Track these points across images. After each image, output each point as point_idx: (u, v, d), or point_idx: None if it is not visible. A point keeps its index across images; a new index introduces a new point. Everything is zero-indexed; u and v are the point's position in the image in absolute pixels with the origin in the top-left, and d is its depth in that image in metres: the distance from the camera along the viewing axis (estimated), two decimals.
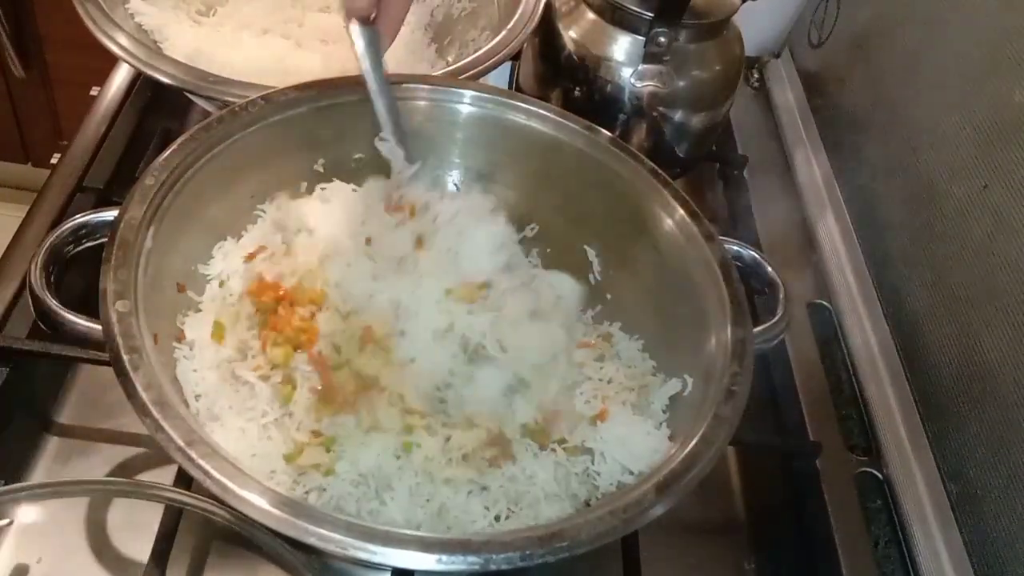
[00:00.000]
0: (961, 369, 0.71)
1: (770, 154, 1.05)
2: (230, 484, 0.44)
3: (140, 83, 0.92)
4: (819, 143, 1.02)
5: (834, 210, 0.95)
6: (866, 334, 0.83)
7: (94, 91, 0.92)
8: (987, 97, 0.73)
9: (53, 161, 0.84)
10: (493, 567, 0.44)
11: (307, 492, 0.53)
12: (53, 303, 0.52)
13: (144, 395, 0.46)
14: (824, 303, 0.89)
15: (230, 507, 0.44)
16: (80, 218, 0.57)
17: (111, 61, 0.92)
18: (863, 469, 0.74)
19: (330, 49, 0.90)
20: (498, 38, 0.80)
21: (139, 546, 0.56)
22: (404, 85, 0.70)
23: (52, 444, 0.65)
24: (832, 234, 0.93)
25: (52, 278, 0.54)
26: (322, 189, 0.69)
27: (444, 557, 0.44)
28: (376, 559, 0.43)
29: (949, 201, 0.76)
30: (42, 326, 0.53)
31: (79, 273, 0.59)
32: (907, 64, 0.87)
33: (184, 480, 0.58)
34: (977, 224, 0.71)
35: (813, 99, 1.07)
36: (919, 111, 0.83)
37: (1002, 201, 0.69)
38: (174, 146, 0.60)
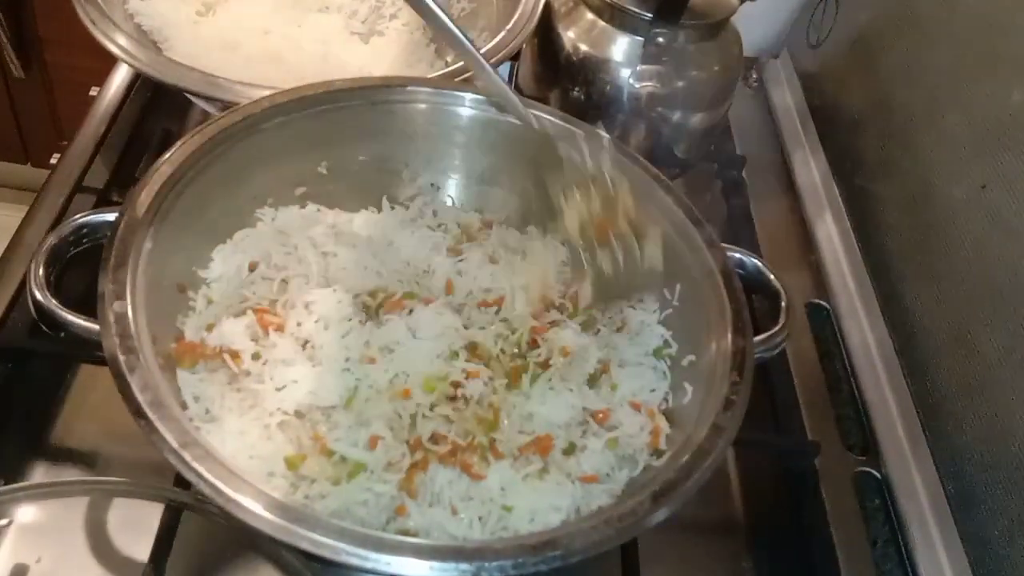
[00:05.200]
0: (959, 368, 0.71)
1: (768, 154, 1.06)
2: (223, 487, 0.44)
3: (139, 84, 0.92)
4: (817, 143, 1.02)
5: (832, 210, 0.95)
6: (864, 334, 0.84)
7: (94, 91, 0.92)
8: (985, 97, 0.73)
9: (53, 161, 0.84)
10: (484, 575, 0.44)
11: (306, 497, 0.53)
12: (53, 303, 0.52)
13: (139, 396, 0.46)
14: (823, 303, 0.89)
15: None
16: (81, 218, 0.58)
17: (111, 62, 0.92)
18: (861, 468, 0.74)
19: (330, 50, 0.90)
20: (497, 39, 0.80)
21: (139, 546, 0.56)
22: (406, 88, 0.70)
23: (52, 444, 0.65)
24: (831, 234, 0.94)
25: (53, 278, 0.55)
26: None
27: (436, 564, 0.44)
28: (368, 565, 0.43)
29: (947, 201, 0.76)
30: (42, 326, 0.53)
31: (80, 273, 0.59)
32: (905, 64, 0.87)
33: (184, 480, 0.57)
34: (975, 224, 0.72)
35: (811, 100, 1.08)
36: (917, 112, 0.83)
37: (1000, 202, 0.69)
38: (176, 147, 0.60)
